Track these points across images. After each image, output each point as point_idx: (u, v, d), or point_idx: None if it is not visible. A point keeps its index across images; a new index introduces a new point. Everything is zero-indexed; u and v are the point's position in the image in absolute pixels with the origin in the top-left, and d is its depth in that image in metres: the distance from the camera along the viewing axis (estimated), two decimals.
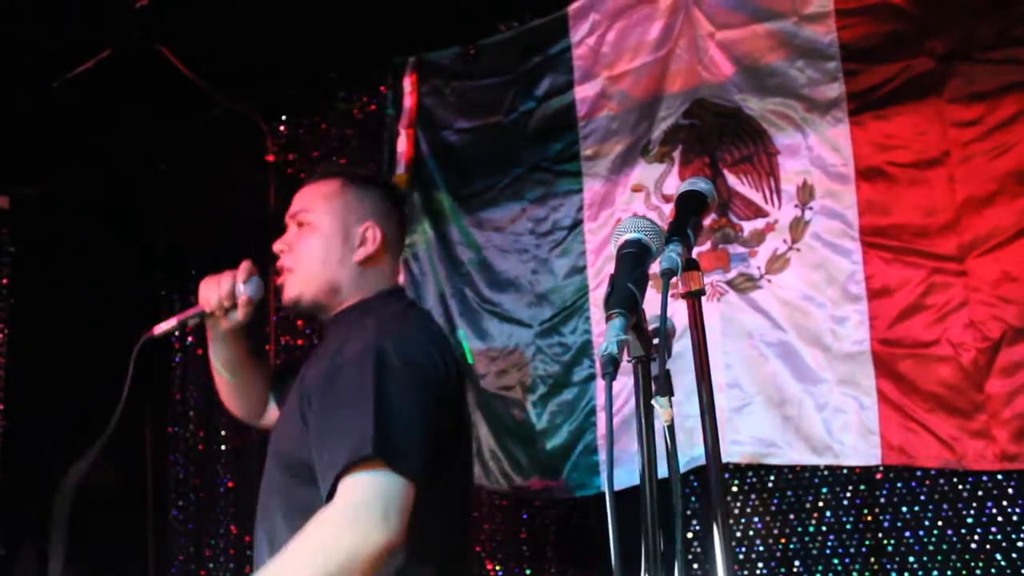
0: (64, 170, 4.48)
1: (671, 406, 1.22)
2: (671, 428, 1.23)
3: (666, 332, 1.22)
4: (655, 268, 1.28)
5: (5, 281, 4.54)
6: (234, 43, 3.81)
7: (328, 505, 1.61)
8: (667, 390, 1.22)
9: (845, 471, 2.88)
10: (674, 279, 1.29)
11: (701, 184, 1.46)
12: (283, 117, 4.20)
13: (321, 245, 1.96)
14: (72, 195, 4.53)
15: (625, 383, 3.19)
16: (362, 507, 1.57)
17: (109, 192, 4.56)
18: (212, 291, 1.97)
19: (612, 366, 1.09)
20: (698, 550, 2.99)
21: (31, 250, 4.51)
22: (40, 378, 4.17)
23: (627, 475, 3.15)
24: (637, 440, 1.20)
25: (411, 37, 3.75)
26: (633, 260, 1.24)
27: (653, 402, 1.19)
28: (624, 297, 1.17)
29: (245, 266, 1.99)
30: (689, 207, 1.41)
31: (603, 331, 3.20)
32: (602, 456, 3.20)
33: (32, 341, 4.31)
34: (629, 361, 1.18)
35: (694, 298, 1.37)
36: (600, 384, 3.23)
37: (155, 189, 4.67)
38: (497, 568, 3.53)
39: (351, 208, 2.00)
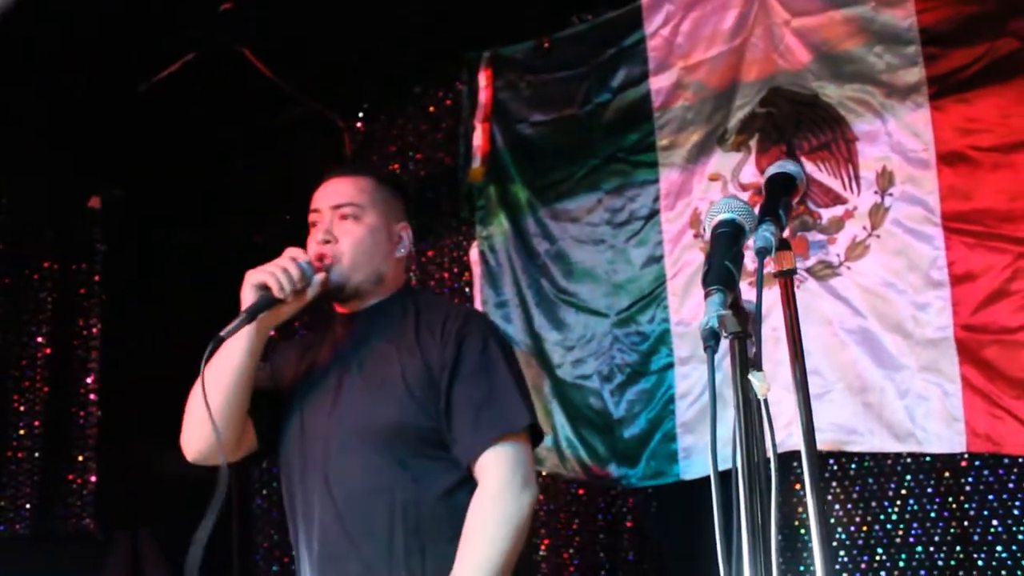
0: (151, 171, 4.63)
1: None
2: (767, 403, 1.26)
3: (761, 309, 1.25)
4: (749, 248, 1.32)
5: (97, 278, 4.72)
6: (312, 43, 3.91)
7: (490, 475, 1.92)
8: (761, 366, 1.25)
9: (928, 458, 2.86)
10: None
11: (790, 166, 1.48)
12: (360, 115, 4.29)
13: (371, 239, 2.07)
14: (158, 195, 4.69)
15: (702, 372, 3.20)
16: (519, 475, 1.92)
17: (193, 192, 4.70)
18: (281, 277, 1.92)
19: (713, 339, 1.13)
20: (778, 536, 2.99)
21: (120, 248, 4.69)
22: (133, 370, 4.33)
23: (707, 462, 3.16)
24: (735, 415, 1.23)
25: (485, 32, 3.80)
26: (728, 239, 1.27)
27: (750, 377, 1.22)
28: (722, 274, 1.20)
29: (298, 250, 2.01)
30: (779, 189, 1.44)
31: (681, 320, 3.24)
32: (682, 444, 3.21)
33: (124, 335, 4.48)
34: (726, 337, 1.21)
35: (786, 277, 1.39)
36: (679, 372, 3.25)
37: (237, 188, 4.80)
38: (573, 556, 3.57)
39: (390, 207, 2.13)
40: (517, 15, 3.70)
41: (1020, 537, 2.72)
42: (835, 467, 3.02)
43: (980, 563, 2.76)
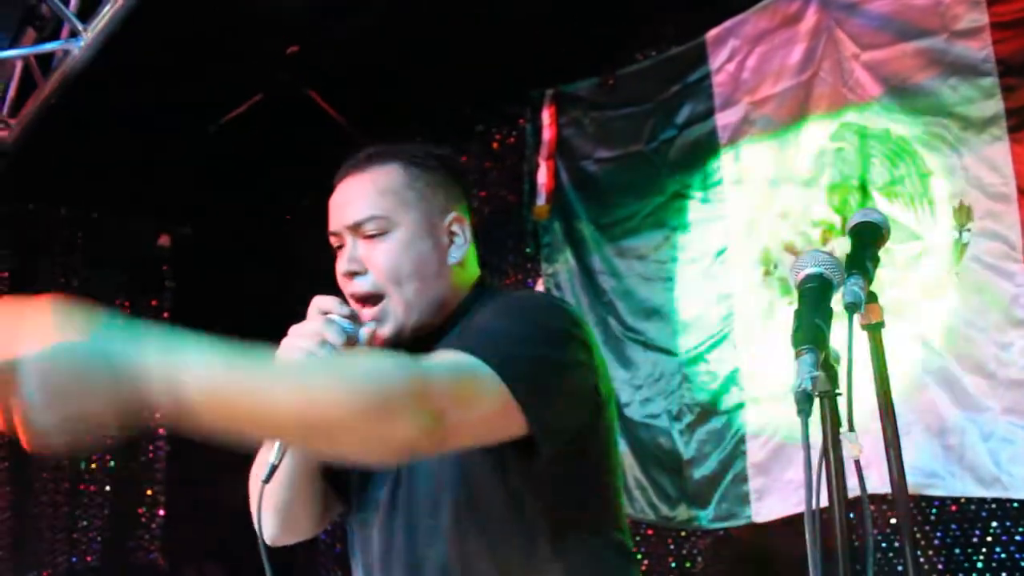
0: (220, 209, 4.72)
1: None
2: (858, 463, 1.22)
3: (852, 368, 1.21)
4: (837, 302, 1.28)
5: (166, 315, 4.82)
6: (376, 84, 3.96)
7: (432, 360, 1.27)
8: (853, 426, 1.21)
9: (1016, 505, 2.75)
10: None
11: (875, 215, 1.43)
12: None
13: (411, 257, 1.48)
14: (227, 233, 4.78)
15: (773, 412, 3.14)
16: (442, 392, 1.20)
17: (260, 229, 4.78)
18: (320, 353, 1.40)
19: (807, 403, 1.09)
20: None
21: (190, 285, 4.79)
22: None
23: (780, 503, 3.11)
24: (826, 473, 1.19)
25: (549, 70, 3.81)
26: (817, 294, 1.23)
27: (842, 437, 1.18)
28: (812, 333, 1.16)
29: (330, 301, 1.47)
30: (865, 239, 1.38)
31: (751, 358, 3.18)
32: (753, 485, 3.14)
33: None
34: (817, 396, 1.17)
35: (875, 331, 1.34)
36: (750, 412, 3.18)
37: (302, 226, 4.86)
38: None
39: (428, 198, 1.52)
40: (581, 52, 3.71)
41: None
42: (915, 511, 2.92)
43: None
